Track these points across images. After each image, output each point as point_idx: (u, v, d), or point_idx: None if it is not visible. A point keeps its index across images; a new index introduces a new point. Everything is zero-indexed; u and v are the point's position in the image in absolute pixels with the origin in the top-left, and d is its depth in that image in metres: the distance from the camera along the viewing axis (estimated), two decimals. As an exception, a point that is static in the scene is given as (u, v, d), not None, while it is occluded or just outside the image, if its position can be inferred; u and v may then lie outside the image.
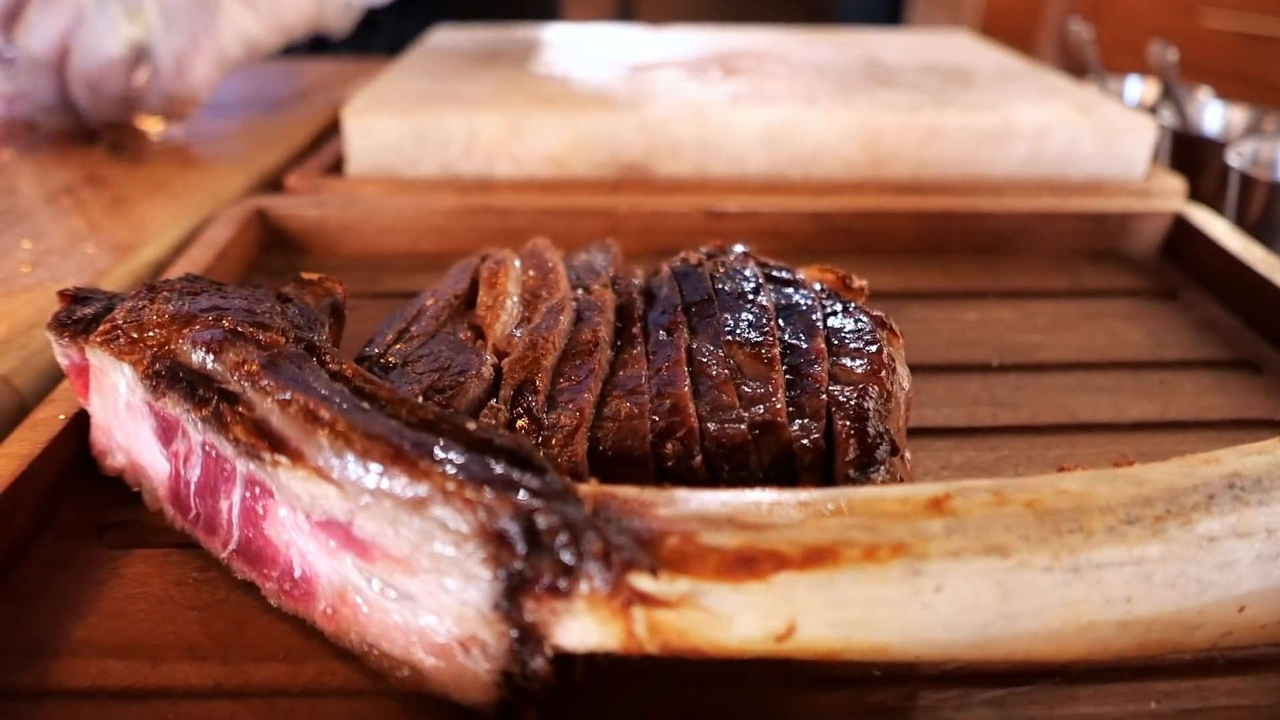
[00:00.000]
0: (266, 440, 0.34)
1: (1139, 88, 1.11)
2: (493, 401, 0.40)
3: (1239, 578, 0.32)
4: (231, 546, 0.38)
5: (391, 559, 0.32)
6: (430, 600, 0.32)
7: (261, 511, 0.36)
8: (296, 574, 0.36)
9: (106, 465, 0.43)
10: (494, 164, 0.76)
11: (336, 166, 0.80)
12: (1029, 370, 0.57)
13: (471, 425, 0.34)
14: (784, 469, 0.38)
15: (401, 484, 0.31)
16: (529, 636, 0.31)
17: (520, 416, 0.40)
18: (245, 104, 0.99)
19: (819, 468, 0.38)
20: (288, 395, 0.34)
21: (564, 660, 0.32)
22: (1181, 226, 0.72)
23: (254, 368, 0.36)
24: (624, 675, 0.34)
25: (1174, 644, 0.33)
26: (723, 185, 0.76)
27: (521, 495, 0.30)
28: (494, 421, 0.40)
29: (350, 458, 0.32)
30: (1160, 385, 0.56)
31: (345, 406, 0.34)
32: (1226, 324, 0.63)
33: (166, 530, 0.41)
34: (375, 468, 0.31)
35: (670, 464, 0.38)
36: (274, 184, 0.80)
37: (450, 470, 0.31)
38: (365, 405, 0.35)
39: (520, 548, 0.30)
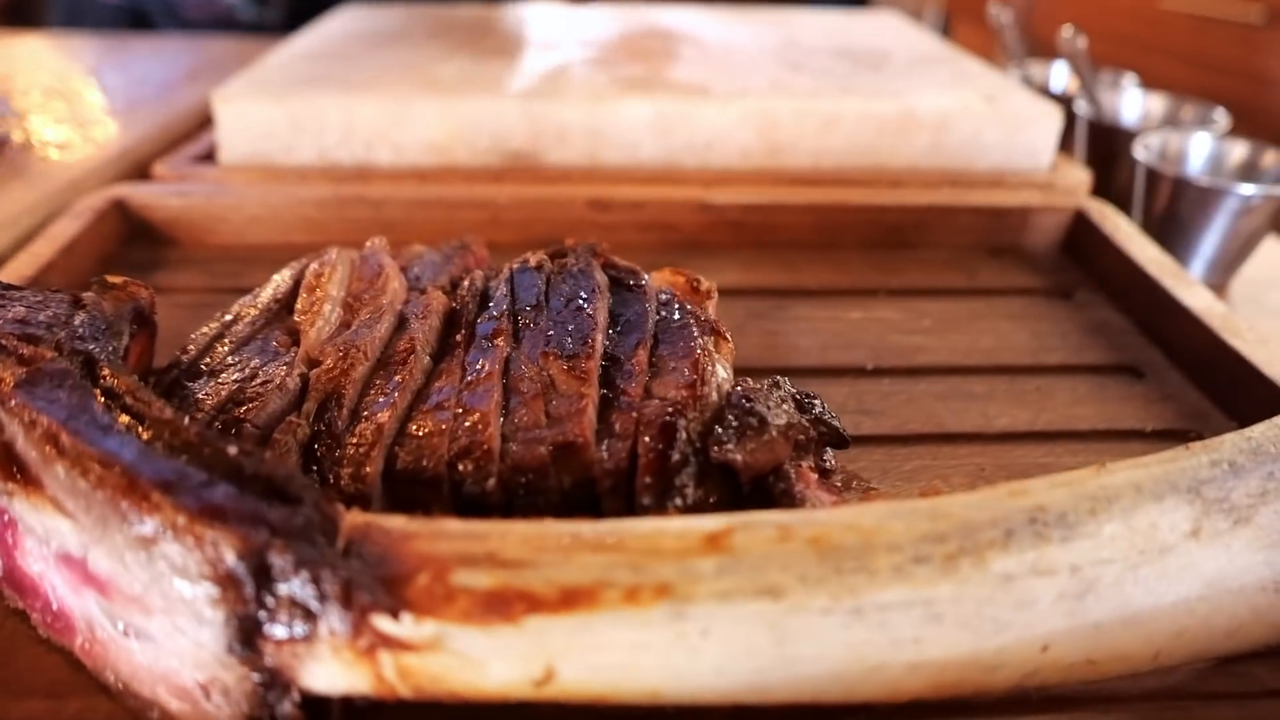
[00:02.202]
0: (8, 466, 0.32)
1: (1064, 74, 1.07)
2: (293, 416, 0.38)
3: (1040, 617, 0.30)
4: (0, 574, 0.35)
5: (127, 598, 0.30)
6: (168, 642, 0.29)
7: (12, 541, 0.33)
8: (54, 606, 0.33)
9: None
10: (373, 152, 0.73)
11: (214, 154, 0.76)
12: (903, 375, 0.55)
13: (233, 449, 0.31)
14: (586, 492, 0.36)
15: (132, 518, 0.29)
16: (274, 680, 0.29)
17: (321, 432, 0.38)
18: (133, 84, 0.94)
19: (624, 491, 0.36)
20: (33, 418, 0.32)
21: (317, 704, 0.30)
22: (1081, 223, 0.70)
23: (6, 386, 0.33)
24: (389, 713, 0.31)
25: (974, 685, 0.31)
26: (612, 175, 0.73)
27: (256, 531, 0.28)
28: (292, 437, 0.37)
29: (83, 487, 0.30)
30: (1036, 392, 0.54)
31: (92, 431, 0.31)
32: (1118, 326, 0.61)
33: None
34: (106, 499, 0.29)
35: (466, 486, 0.35)
36: (147, 173, 0.76)
37: (181, 503, 0.28)
38: (125, 428, 0.32)
39: (249, 589, 0.28)
